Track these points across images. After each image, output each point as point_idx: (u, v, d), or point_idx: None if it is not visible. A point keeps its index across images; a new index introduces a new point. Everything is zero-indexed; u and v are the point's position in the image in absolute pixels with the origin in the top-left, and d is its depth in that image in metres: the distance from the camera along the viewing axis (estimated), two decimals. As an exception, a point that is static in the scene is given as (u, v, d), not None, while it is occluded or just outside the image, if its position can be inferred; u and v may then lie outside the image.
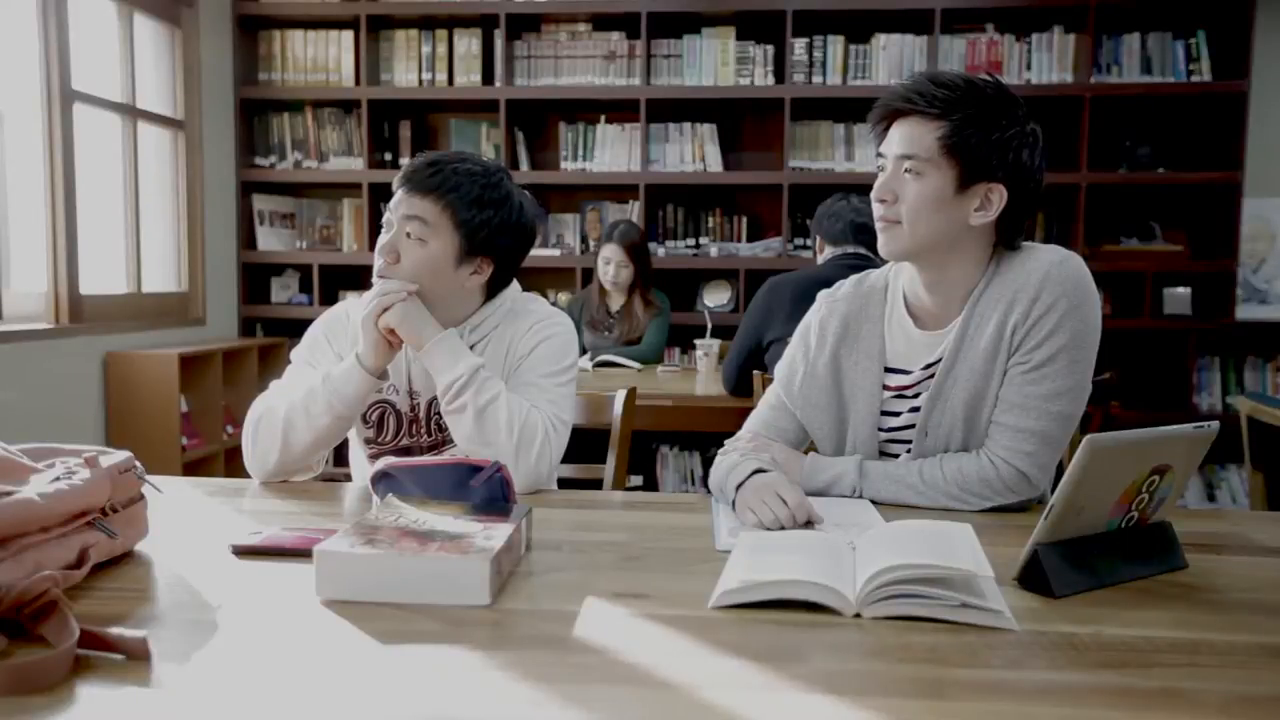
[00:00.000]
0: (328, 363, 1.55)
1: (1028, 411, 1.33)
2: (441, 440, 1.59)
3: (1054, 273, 1.32)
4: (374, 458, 1.59)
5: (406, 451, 1.60)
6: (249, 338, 4.36)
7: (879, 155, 1.40)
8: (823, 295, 1.54)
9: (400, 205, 1.50)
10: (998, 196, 1.33)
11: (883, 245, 1.39)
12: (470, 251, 1.51)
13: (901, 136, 1.35)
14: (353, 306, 1.58)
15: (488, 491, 1.19)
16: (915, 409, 1.41)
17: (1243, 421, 3.07)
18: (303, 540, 1.07)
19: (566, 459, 1.61)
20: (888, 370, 1.44)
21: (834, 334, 1.47)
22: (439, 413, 1.53)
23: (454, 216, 1.49)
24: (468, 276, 1.53)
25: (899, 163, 1.35)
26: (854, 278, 1.54)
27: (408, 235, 1.49)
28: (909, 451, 1.43)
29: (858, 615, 0.90)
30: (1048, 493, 1.39)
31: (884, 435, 1.45)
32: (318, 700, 0.73)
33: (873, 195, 1.38)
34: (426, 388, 1.56)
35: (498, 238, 1.53)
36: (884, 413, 1.44)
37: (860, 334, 1.46)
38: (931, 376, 1.40)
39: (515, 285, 1.67)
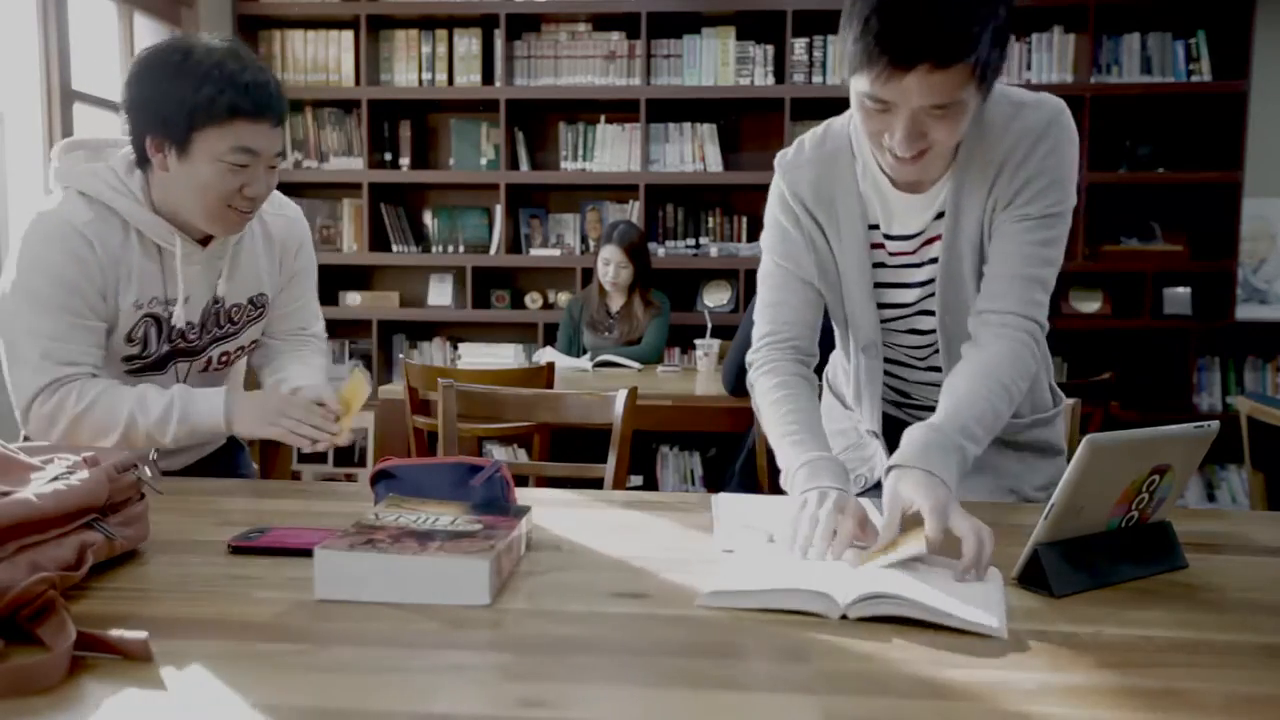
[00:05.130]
0: (79, 303, 1.43)
1: (1033, 261, 1.27)
2: (202, 345, 1.59)
3: (1046, 132, 1.26)
4: (134, 373, 1.54)
5: (168, 359, 1.56)
6: (249, 338, 4.36)
7: (872, 101, 1.17)
8: (781, 163, 1.41)
9: (261, 139, 1.42)
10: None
11: (909, 174, 1.24)
12: None
13: (924, 89, 1.11)
14: (79, 225, 1.43)
15: (487, 490, 1.19)
16: (922, 282, 1.35)
17: (1243, 421, 3.07)
18: (303, 540, 1.07)
19: (566, 459, 1.61)
20: (873, 228, 1.35)
21: (810, 198, 1.36)
22: (190, 323, 1.54)
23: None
24: None
25: (922, 109, 1.14)
26: (810, 139, 1.39)
27: (270, 169, 1.47)
28: (928, 325, 1.37)
29: (844, 616, 0.90)
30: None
31: (896, 312, 1.38)
32: (318, 700, 0.73)
33: (897, 149, 1.18)
34: (197, 295, 1.54)
35: None
36: (883, 285, 1.37)
37: (835, 199, 1.35)
38: (929, 243, 1.33)
39: None
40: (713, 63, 4.31)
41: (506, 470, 1.21)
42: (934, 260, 1.35)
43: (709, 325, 3.70)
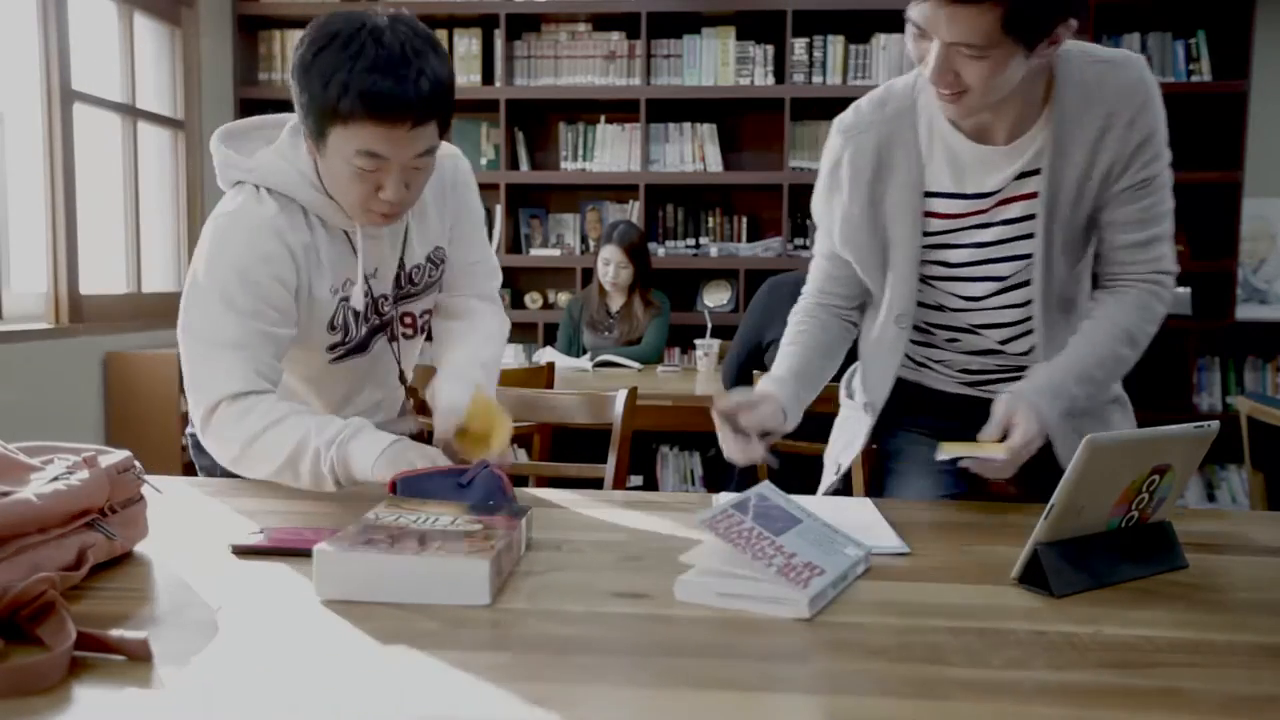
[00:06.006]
0: (269, 310, 1.33)
1: (1153, 222, 1.34)
2: (378, 326, 1.51)
3: (1145, 89, 1.29)
4: (339, 360, 1.48)
5: (370, 338, 1.50)
6: (249, 338, 4.36)
7: (915, 28, 1.22)
8: (841, 128, 1.42)
9: (388, 144, 1.27)
10: (1067, 29, 1.21)
11: (951, 112, 1.29)
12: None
13: (951, 23, 1.16)
14: (267, 219, 1.34)
15: (484, 487, 1.19)
16: (984, 244, 1.36)
17: (1243, 421, 3.07)
18: (303, 540, 1.07)
19: (567, 458, 1.61)
20: (929, 195, 1.36)
21: (870, 168, 1.38)
22: (383, 295, 1.49)
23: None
24: None
25: (954, 47, 1.18)
26: (868, 103, 1.41)
27: (414, 170, 1.33)
28: (992, 286, 1.38)
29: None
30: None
31: (945, 270, 1.39)
32: (318, 700, 0.73)
33: (930, 79, 1.23)
34: (385, 267, 1.48)
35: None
36: (935, 245, 1.38)
37: (894, 163, 1.36)
38: (1005, 202, 1.34)
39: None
40: (713, 63, 4.31)
41: (496, 468, 1.21)
42: (1008, 221, 1.36)
43: (709, 325, 3.70)
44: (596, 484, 1.83)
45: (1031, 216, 1.35)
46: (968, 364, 1.48)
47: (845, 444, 1.60)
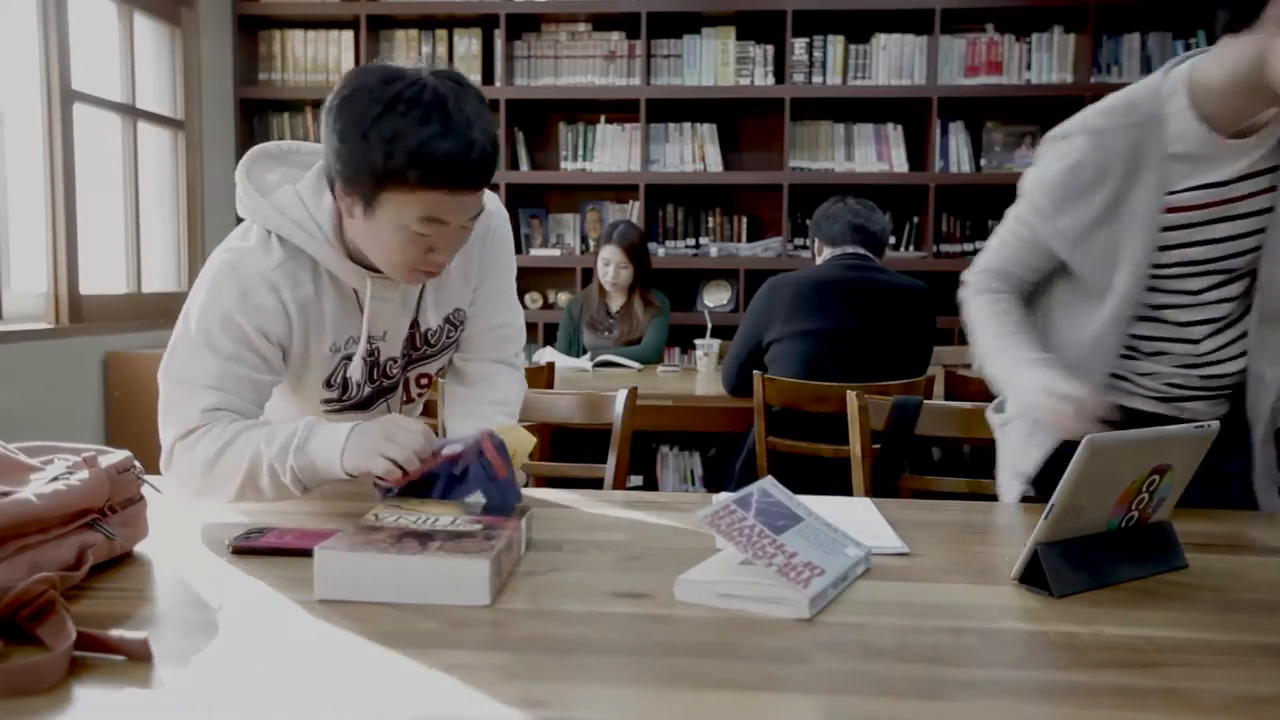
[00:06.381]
0: (251, 356, 1.28)
1: None
2: (386, 388, 1.45)
3: None
4: (335, 414, 1.41)
5: (372, 399, 1.43)
6: (249, 338, 4.36)
7: None
8: (1087, 128, 1.41)
9: (452, 209, 1.22)
10: None
11: None
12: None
13: None
14: (267, 271, 1.28)
15: (482, 467, 1.18)
16: (1218, 239, 1.36)
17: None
18: (303, 540, 1.07)
19: (566, 459, 1.61)
20: (1171, 194, 1.37)
21: (1119, 170, 1.37)
22: (391, 359, 1.42)
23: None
24: None
25: None
26: (1117, 105, 1.40)
27: (464, 229, 1.27)
28: (1206, 281, 1.39)
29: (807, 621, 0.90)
30: None
31: (1175, 269, 1.39)
32: (318, 700, 0.73)
33: None
34: (396, 329, 1.41)
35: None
36: (1172, 245, 1.38)
37: (1142, 165, 1.36)
38: (1246, 197, 1.34)
39: None
40: (713, 63, 4.31)
41: (486, 441, 1.19)
42: (1243, 216, 1.36)
43: (709, 325, 3.70)
44: (596, 484, 1.83)
45: (1269, 210, 1.35)
46: (1170, 377, 1.47)
47: (1021, 450, 1.55)
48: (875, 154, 4.32)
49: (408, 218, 1.20)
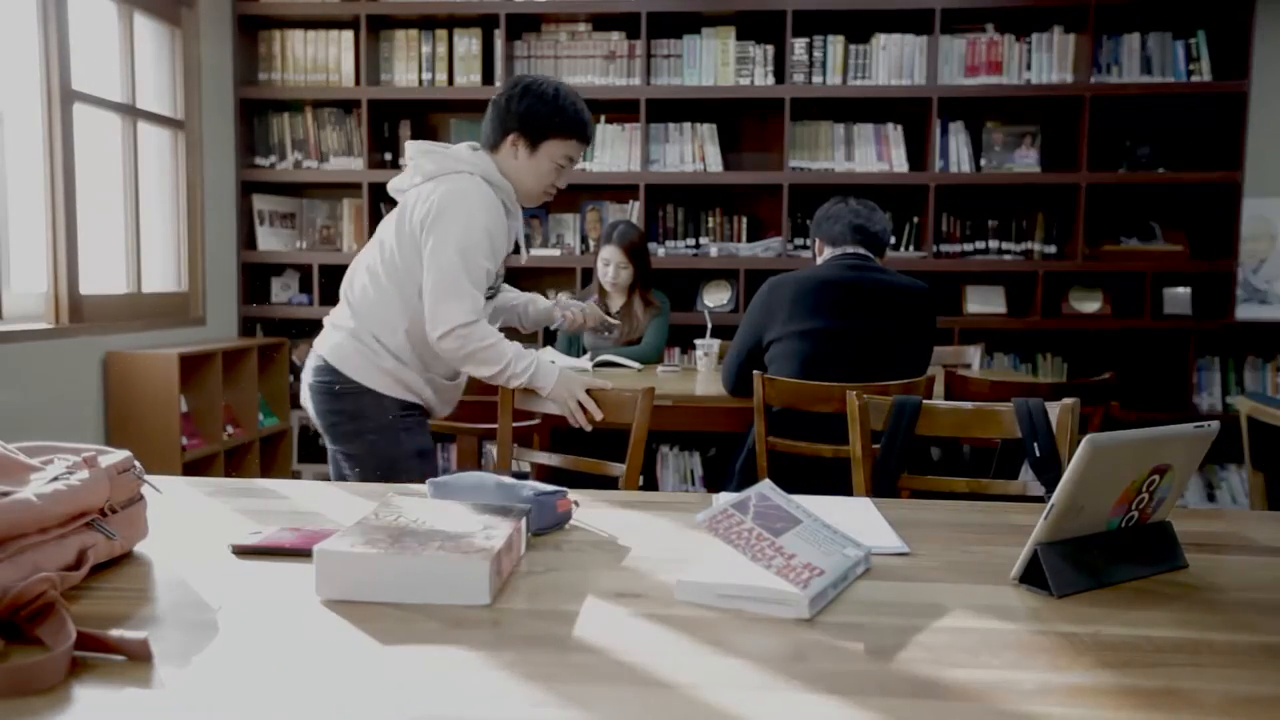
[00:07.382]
0: (500, 258, 2.16)
1: None
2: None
3: None
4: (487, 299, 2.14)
5: (492, 293, 2.18)
6: (249, 338, 4.36)
7: None
8: None
9: (579, 153, 2.24)
10: None
11: None
12: None
13: None
14: (487, 209, 2.10)
15: (539, 515, 1.19)
16: None
17: (1243, 421, 3.07)
18: (303, 540, 1.07)
19: (573, 454, 1.61)
20: None
21: None
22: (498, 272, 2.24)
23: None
24: None
25: None
26: None
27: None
28: None
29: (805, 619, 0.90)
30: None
31: None
32: (318, 700, 0.73)
33: None
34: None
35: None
36: None
37: None
38: None
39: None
40: (713, 63, 4.31)
41: (568, 503, 1.22)
42: None
43: (709, 325, 3.70)
44: (597, 483, 1.83)
45: None
46: None
47: None
48: (875, 154, 4.32)
49: (558, 155, 2.17)
